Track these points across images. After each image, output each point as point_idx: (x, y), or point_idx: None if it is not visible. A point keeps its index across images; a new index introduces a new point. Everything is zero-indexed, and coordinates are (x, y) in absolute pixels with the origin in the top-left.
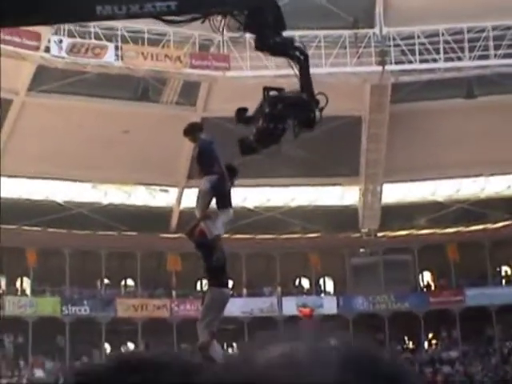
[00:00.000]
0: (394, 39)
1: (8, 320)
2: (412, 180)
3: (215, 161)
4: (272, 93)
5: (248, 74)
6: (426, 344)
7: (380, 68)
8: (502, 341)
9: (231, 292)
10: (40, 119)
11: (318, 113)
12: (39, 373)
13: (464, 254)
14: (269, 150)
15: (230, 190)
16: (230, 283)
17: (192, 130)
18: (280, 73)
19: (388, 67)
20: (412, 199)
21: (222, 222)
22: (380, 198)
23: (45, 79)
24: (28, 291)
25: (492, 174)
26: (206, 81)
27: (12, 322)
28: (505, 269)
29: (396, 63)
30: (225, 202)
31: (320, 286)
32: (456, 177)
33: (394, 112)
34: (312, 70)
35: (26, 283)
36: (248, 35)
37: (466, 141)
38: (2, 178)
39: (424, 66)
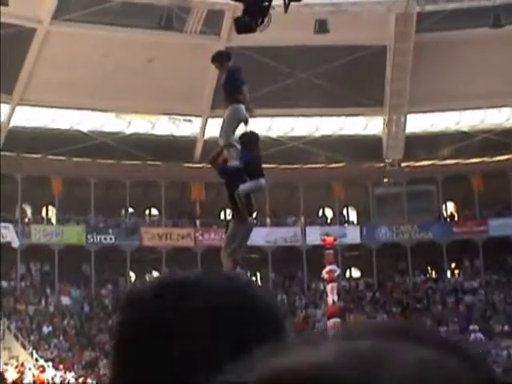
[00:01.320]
0: None
1: (34, 248)
2: (436, 110)
3: (242, 88)
4: None
5: (272, 3)
6: (448, 273)
7: None
8: None
9: (255, 221)
10: (64, 48)
11: None
12: (66, 300)
13: (488, 185)
14: (294, 80)
15: (259, 158)
16: (254, 213)
17: (220, 58)
18: (305, 2)
19: None
20: (436, 129)
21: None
22: (404, 128)
23: (68, 8)
24: (53, 220)
25: None
26: (230, 9)
27: (38, 250)
28: None
29: None
30: (256, 170)
31: (343, 216)
32: (481, 107)
33: (419, 42)
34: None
35: (52, 212)
36: None
37: (492, 71)
38: (27, 108)
39: None
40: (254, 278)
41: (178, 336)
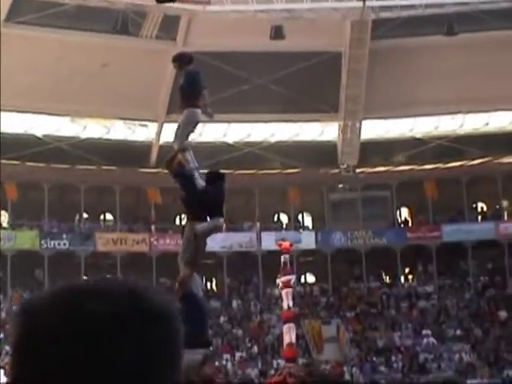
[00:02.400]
0: None
1: None
2: (391, 116)
3: (200, 93)
4: None
5: (228, 9)
6: (402, 279)
7: (360, 4)
8: (476, 275)
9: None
10: (18, 51)
11: None
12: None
13: (441, 191)
14: (250, 85)
15: (222, 198)
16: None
17: (182, 59)
18: (260, 7)
19: (368, 3)
20: (391, 135)
21: (208, 228)
22: (359, 134)
23: (22, 10)
24: (6, 225)
25: (470, 111)
26: (186, 14)
27: None
28: (481, 205)
29: None
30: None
31: (299, 221)
32: (434, 114)
33: (374, 48)
34: (293, 6)
35: (4, 217)
36: None
37: (445, 78)
38: None
39: (404, 1)
40: (209, 284)
41: (69, 342)
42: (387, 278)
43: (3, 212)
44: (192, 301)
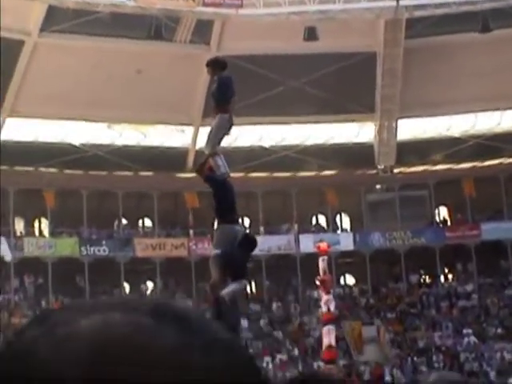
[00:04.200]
0: None
1: (27, 261)
2: (427, 115)
3: (231, 98)
4: None
5: (261, 12)
6: (442, 278)
7: (394, 3)
8: None
9: (246, 229)
10: (53, 60)
11: None
12: None
13: (480, 189)
14: (285, 88)
15: (247, 262)
16: (247, 222)
17: (216, 64)
18: (293, 10)
19: (402, 2)
20: (428, 135)
21: (234, 291)
22: (395, 134)
23: (57, 19)
24: (46, 232)
25: (508, 108)
26: (219, 19)
27: (32, 262)
28: None
29: None
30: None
31: (336, 223)
32: (472, 111)
33: (409, 47)
34: (326, 7)
35: (44, 224)
36: None
37: (482, 75)
38: (18, 120)
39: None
40: (248, 287)
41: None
42: (427, 277)
43: (43, 219)
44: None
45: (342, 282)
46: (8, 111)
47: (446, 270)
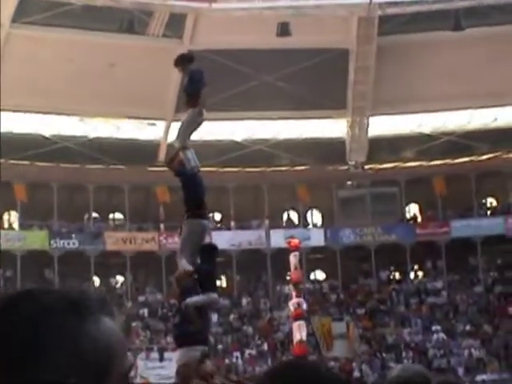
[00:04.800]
0: None
1: None
2: (399, 113)
3: (201, 91)
4: None
5: (234, 6)
6: (412, 275)
7: (367, 0)
8: (485, 271)
9: (217, 225)
10: (25, 52)
11: None
12: None
13: (450, 186)
14: (258, 83)
15: (215, 272)
16: (218, 216)
17: (183, 61)
18: (267, 5)
19: None
20: (399, 132)
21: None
22: (367, 131)
23: (29, 11)
24: (16, 225)
25: (479, 107)
26: (192, 13)
27: (0, 255)
28: (490, 200)
29: None
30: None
31: (307, 219)
32: (443, 109)
33: (382, 44)
34: (299, 2)
35: (14, 217)
36: None
37: (454, 73)
38: None
39: None
40: (218, 281)
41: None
42: (397, 274)
43: (13, 212)
44: (190, 297)
45: (312, 277)
46: None
47: (416, 267)
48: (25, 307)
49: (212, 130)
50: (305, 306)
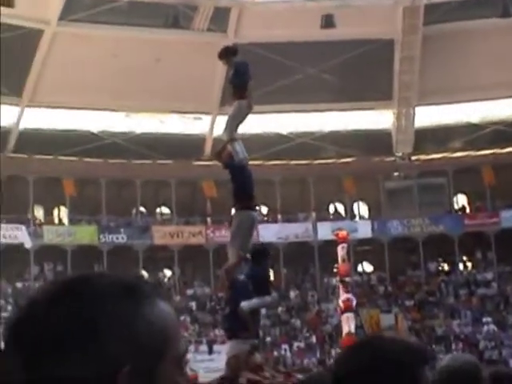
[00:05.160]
0: None
1: (47, 248)
2: (446, 102)
3: (248, 83)
4: None
5: None
6: (461, 266)
7: None
8: None
9: (263, 218)
10: (72, 49)
11: None
12: None
13: (499, 176)
14: (302, 75)
15: (267, 275)
16: (265, 209)
17: (227, 53)
18: None
19: None
20: (446, 122)
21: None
22: (413, 122)
23: (75, 8)
24: (65, 220)
25: None
26: (237, 6)
27: (51, 250)
28: None
29: None
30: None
31: (354, 211)
32: (490, 98)
33: (427, 33)
34: None
35: (64, 212)
36: None
37: (501, 61)
38: (37, 110)
39: None
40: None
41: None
42: (445, 265)
43: (62, 208)
44: (238, 288)
45: (359, 269)
46: (27, 100)
47: (465, 258)
48: (81, 292)
49: (257, 123)
50: (354, 302)
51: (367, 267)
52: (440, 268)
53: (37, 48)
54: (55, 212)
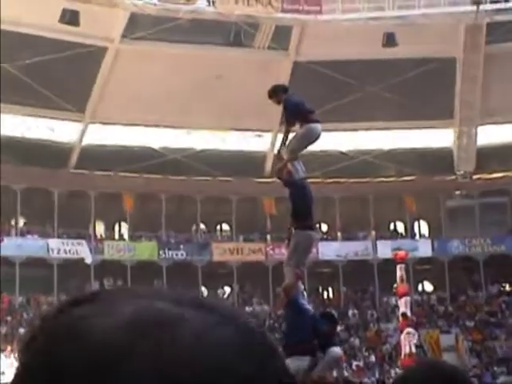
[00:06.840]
0: None
1: (107, 264)
2: (508, 121)
3: (310, 110)
4: None
5: (340, 18)
6: None
7: (474, 7)
8: None
9: (323, 236)
10: (134, 66)
11: None
12: None
13: None
14: (363, 93)
15: (334, 333)
16: (325, 227)
17: (276, 91)
18: (372, 15)
19: (483, 6)
20: (508, 141)
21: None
22: (475, 140)
23: (138, 26)
24: (126, 236)
25: None
26: (298, 25)
27: (111, 265)
28: None
29: (491, 2)
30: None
31: (415, 229)
32: None
33: (489, 52)
34: (405, 12)
35: (124, 228)
36: None
37: None
38: (100, 126)
39: None
40: (325, 293)
41: None
42: (507, 285)
43: (123, 223)
44: (297, 308)
45: (419, 288)
46: (90, 117)
47: None
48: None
49: (317, 142)
50: (416, 335)
51: (427, 286)
52: (501, 288)
53: (100, 65)
54: (116, 227)
